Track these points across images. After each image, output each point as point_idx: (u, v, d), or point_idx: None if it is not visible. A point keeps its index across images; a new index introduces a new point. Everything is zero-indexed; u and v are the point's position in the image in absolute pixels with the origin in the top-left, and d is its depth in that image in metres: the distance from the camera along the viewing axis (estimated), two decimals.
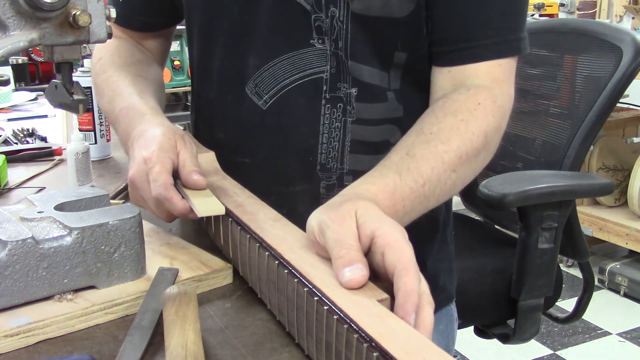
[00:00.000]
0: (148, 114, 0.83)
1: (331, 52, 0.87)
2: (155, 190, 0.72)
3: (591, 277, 1.58)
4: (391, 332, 0.49)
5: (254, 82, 0.89)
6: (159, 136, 0.77)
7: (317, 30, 0.86)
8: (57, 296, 0.66)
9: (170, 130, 0.79)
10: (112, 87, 0.91)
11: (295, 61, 0.88)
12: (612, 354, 2.48)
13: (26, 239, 0.63)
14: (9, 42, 0.57)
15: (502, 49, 0.85)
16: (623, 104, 2.87)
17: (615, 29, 1.49)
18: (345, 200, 0.63)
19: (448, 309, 1.07)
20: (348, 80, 0.88)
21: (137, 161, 0.75)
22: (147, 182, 0.74)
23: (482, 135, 0.79)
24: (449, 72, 0.86)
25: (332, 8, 0.85)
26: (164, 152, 0.75)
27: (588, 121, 1.44)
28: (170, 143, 0.76)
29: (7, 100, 1.92)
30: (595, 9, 3.70)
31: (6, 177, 1.11)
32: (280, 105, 0.89)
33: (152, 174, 0.73)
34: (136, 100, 0.87)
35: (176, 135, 0.78)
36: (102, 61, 0.97)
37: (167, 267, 0.72)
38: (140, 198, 0.76)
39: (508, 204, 1.29)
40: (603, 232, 3.01)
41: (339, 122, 0.89)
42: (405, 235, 0.58)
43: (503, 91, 0.84)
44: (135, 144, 0.78)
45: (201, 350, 0.55)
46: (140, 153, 0.75)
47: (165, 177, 0.73)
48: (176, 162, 0.75)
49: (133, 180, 0.75)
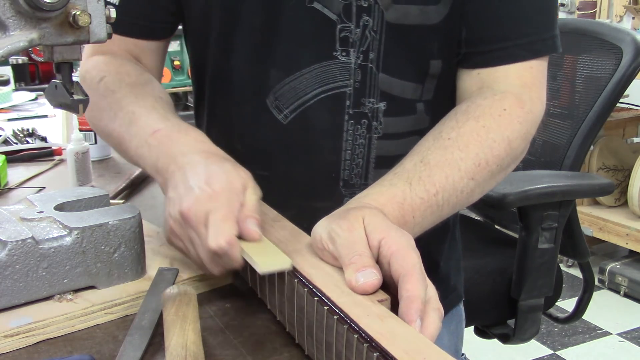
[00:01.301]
0: (204, 140, 0.72)
1: (357, 65, 0.82)
2: (215, 240, 0.60)
3: (591, 277, 1.58)
4: (391, 332, 0.49)
5: (274, 96, 0.84)
6: (229, 171, 0.66)
7: (341, 42, 0.81)
8: (57, 296, 0.65)
9: (240, 167, 0.68)
10: (130, 108, 0.77)
11: (318, 74, 0.83)
12: (612, 354, 2.48)
13: (26, 239, 0.63)
14: (9, 42, 0.57)
15: (539, 48, 0.82)
16: (623, 104, 2.86)
17: (615, 29, 1.50)
18: (351, 209, 0.63)
19: (458, 309, 1.06)
20: (376, 95, 0.84)
21: (197, 194, 0.63)
22: (204, 224, 0.62)
23: (505, 142, 0.76)
24: (477, 74, 0.83)
25: (364, 17, 0.80)
26: (234, 194, 0.63)
27: (588, 121, 1.44)
28: (241, 182, 0.65)
29: (7, 100, 1.92)
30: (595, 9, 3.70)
31: (6, 177, 1.11)
32: (301, 120, 0.84)
33: (216, 220, 0.61)
34: (174, 122, 0.75)
35: (247, 174, 0.67)
36: (106, 81, 0.83)
37: (167, 267, 0.72)
38: (187, 240, 0.65)
39: (508, 204, 1.29)
40: (603, 232, 3.01)
41: (363, 139, 0.85)
42: (411, 242, 0.58)
43: (533, 96, 0.81)
44: (190, 171, 0.65)
45: (201, 350, 0.55)
46: (199, 184, 0.63)
47: (231, 227, 0.61)
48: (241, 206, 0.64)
49: (187, 217, 0.63)
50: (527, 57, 0.82)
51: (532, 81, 0.82)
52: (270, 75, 0.84)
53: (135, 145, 0.75)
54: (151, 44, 0.91)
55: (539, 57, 0.83)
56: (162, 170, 0.70)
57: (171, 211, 0.65)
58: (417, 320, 0.52)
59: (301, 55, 0.83)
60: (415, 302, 0.53)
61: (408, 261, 0.56)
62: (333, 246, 0.59)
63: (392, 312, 0.53)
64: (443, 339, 1.02)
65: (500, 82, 0.82)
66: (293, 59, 0.83)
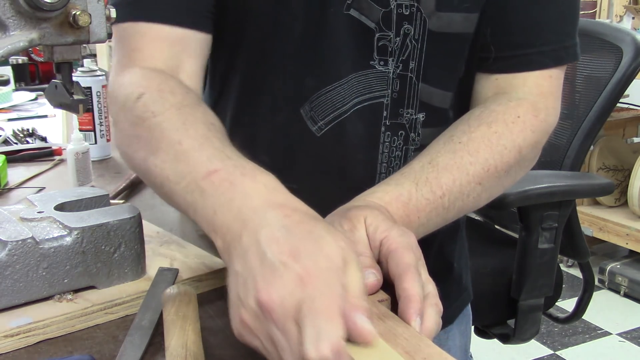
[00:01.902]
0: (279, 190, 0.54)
1: (396, 75, 0.79)
2: (316, 349, 0.42)
3: (591, 277, 1.58)
4: (391, 332, 0.49)
5: (310, 106, 0.80)
6: (324, 239, 0.48)
7: (379, 51, 0.78)
8: (57, 296, 0.65)
9: (336, 231, 0.50)
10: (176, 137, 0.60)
11: (354, 85, 0.79)
12: (612, 354, 2.48)
13: (26, 239, 0.63)
14: (9, 42, 0.57)
15: (562, 55, 0.80)
16: (623, 104, 2.86)
17: (615, 29, 1.50)
18: (354, 207, 0.63)
19: (467, 309, 1.05)
20: (414, 105, 0.81)
21: (283, 276, 0.45)
22: (295, 320, 0.44)
23: (515, 150, 0.75)
24: (495, 79, 0.81)
25: (406, 25, 0.77)
26: (334, 274, 0.46)
27: (588, 121, 1.44)
28: (342, 255, 0.47)
29: (7, 100, 1.92)
30: (595, 9, 3.70)
31: (6, 177, 1.11)
32: (335, 132, 0.80)
33: (317, 318, 0.43)
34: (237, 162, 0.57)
35: (346, 241, 0.49)
36: (145, 100, 0.66)
37: (167, 267, 0.72)
38: (265, 337, 0.47)
39: (508, 204, 1.29)
40: (603, 232, 3.01)
41: (399, 151, 0.82)
42: (411, 241, 0.58)
43: (548, 105, 0.80)
44: (265, 235, 0.48)
45: (201, 350, 0.55)
46: (283, 259, 0.46)
47: (338, 329, 0.43)
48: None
49: (269, 309, 0.45)
50: (549, 65, 0.80)
51: (550, 90, 0.81)
52: (306, 85, 0.80)
53: (184, 190, 0.57)
54: (196, 39, 0.76)
55: (560, 66, 0.82)
56: (221, 229, 0.52)
57: (242, 295, 0.48)
58: (416, 319, 0.52)
59: (338, 64, 0.79)
60: (413, 301, 0.53)
61: (404, 260, 0.56)
62: None
63: (392, 312, 0.53)
64: (455, 340, 1.01)
65: (517, 89, 0.80)
66: (330, 68, 0.79)
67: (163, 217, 0.90)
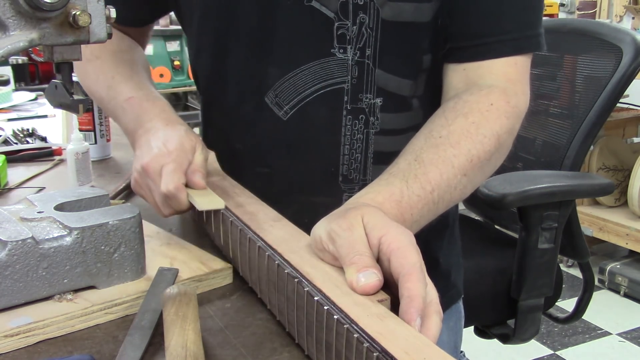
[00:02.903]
0: (167, 109, 0.85)
1: (354, 62, 0.84)
2: (166, 186, 0.74)
3: (591, 277, 1.58)
4: (391, 332, 0.49)
5: (274, 93, 0.87)
6: (181, 135, 0.79)
7: (339, 39, 0.84)
8: (57, 296, 0.65)
9: (191, 132, 0.81)
10: (111, 73, 0.91)
11: (316, 71, 0.85)
12: (612, 354, 2.48)
13: (26, 239, 0.63)
14: (9, 42, 0.57)
15: (521, 45, 0.83)
16: (623, 104, 2.87)
17: (615, 29, 1.49)
18: (350, 208, 0.63)
19: (457, 306, 1.07)
20: (372, 91, 0.86)
21: (154, 152, 0.77)
22: (159, 174, 0.76)
23: (494, 137, 0.77)
24: (463, 69, 0.84)
25: (361, 14, 0.82)
26: (184, 152, 0.77)
27: (588, 121, 1.44)
28: (191, 144, 0.78)
29: (7, 100, 1.92)
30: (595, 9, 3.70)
31: (6, 177, 1.11)
32: (301, 116, 0.87)
33: (167, 170, 0.75)
34: (146, 92, 0.87)
35: (197, 138, 0.80)
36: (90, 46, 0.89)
37: (167, 267, 0.72)
38: (146, 188, 0.78)
39: (508, 204, 1.29)
40: (603, 232, 3.01)
41: (360, 134, 0.87)
42: (411, 240, 0.58)
43: (517, 91, 0.83)
44: (152, 135, 0.79)
45: (201, 350, 0.55)
46: (158, 144, 0.77)
47: (179, 177, 0.75)
48: (190, 163, 0.77)
49: (146, 169, 0.76)
50: (510, 53, 0.83)
51: (517, 77, 0.83)
52: (269, 74, 0.87)
53: (113, 107, 0.89)
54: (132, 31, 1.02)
55: (522, 54, 0.84)
56: (132, 132, 0.84)
57: (136, 165, 0.78)
58: (417, 320, 0.52)
59: (299, 52, 0.85)
60: (416, 301, 0.53)
61: (408, 260, 0.56)
62: (333, 246, 0.59)
63: (392, 312, 0.53)
64: (442, 336, 1.02)
65: (485, 77, 0.83)
66: (292, 56, 0.85)
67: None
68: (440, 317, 0.54)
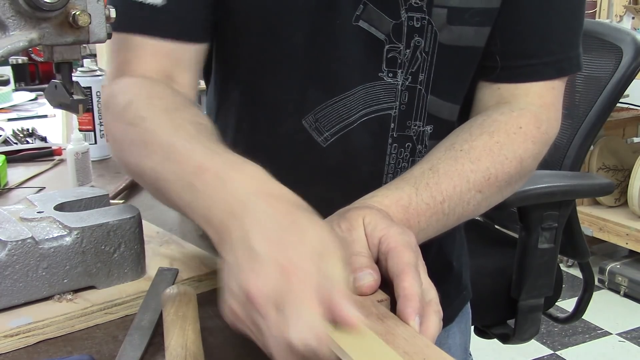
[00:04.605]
0: (266, 180, 0.55)
1: (405, 87, 0.79)
2: (300, 336, 0.44)
3: (591, 277, 1.58)
4: (391, 332, 0.49)
5: (315, 117, 0.79)
6: (304, 228, 0.49)
7: (388, 63, 0.77)
8: (57, 296, 0.66)
9: (317, 219, 0.52)
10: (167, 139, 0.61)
11: (362, 96, 0.78)
12: (612, 354, 2.48)
13: (26, 239, 0.63)
14: (9, 42, 0.57)
15: (565, 67, 0.80)
16: (623, 104, 2.87)
17: (615, 29, 1.50)
18: (353, 209, 0.63)
19: (467, 307, 1.05)
20: (422, 118, 0.81)
21: (265, 266, 0.47)
22: (277, 308, 0.46)
23: (517, 160, 0.75)
24: (498, 89, 0.81)
25: (416, 37, 0.76)
26: (315, 262, 0.47)
27: (588, 121, 1.44)
28: (322, 243, 0.49)
29: (7, 100, 1.92)
30: (595, 9, 3.70)
31: (6, 177, 1.11)
32: (342, 143, 0.80)
33: (297, 306, 0.45)
34: (226, 157, 0.58)
35: (328, 230, 0.51)
36: (134, 106, 0.67)
37: (167, 267, 0.72)
38: (251, 324, 0.48)
39: (508, 204, 1.29)
40: (603, 232, 3.01)
41: (406, 162, 0.82)
42: (410, 240, 0.58)
43: (550, 117, 0.80)
44: (251, 226, 0.50)
45: (201, 350, 0.55)
46: (269, 251, 0.48)
47: (319, 317, 0.45)
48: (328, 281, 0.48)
49: (253, 299, 0.46)
50: (552, 76, 0.80)
51: (552, 101, 0.81)
52: (310, 96, 0.79)
53: (178, 189, 0.58)
54: (189, 50, 0.76)
55: (563, 76, 0.81)
56: (214, 223, 0.53)
57: (230, 284, 0.49)
58: (415, 318, 0.52)
59: (344, 76, 0.78)
60: (412, 300, 0.52)
61: (403, 259, 0.55)
62: None
63: (391, 312, 0.53)
64: (455, 338, 1.01)
65: (520, 99, 0.80)
66: (336, 79, 0.78)
67: (163, 217, 0.90)
68: (440, 317, 0.54)
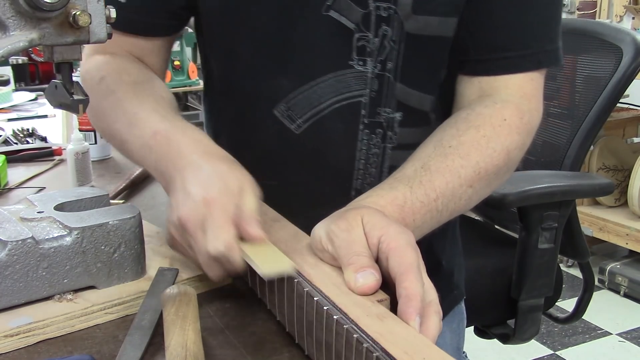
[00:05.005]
0: (202, 140, 0.70)
1: (374, 75, 0.81)
2: (213, 245, 0.59)
3: (591, 277, 1.59)
4: (391, 332, 0.49)
5: (287, 105, 0.83)
6: (224, 173, 0.64)
7: (358, 51, 0.80)
8: (57, 296, 0.65)
9: (236, 167, 0.66)
10: (131, 109, 0.75)
11: (333, 84, 0.81)
12: (612, 354, 2.48)
13: (26, 239, 0.63)
14: (9, 42, 0.57)
15: (541, 60, 0.82)
16: (623, 104, 2.87)
17: (615, 29, 1.50)
18: (351, 209, 0.63)
19: (459, 307, 1.06)
20: (392, 105, 0.83)
21: (193, 200, 0.61)
22: (202, 229, 0.60)
23: (504, 152, 0.76)
24: (478, 82, 0.83)
25: (384, 27, 0.79)
26: (230, 196, 0.62)
27: (588, 121, 1.44)
28: (237, 184, 0.63)
29: (7, 100, 1.92)
30: (595, 9, 3.70)
31: (6, 177, 1.11)
32: (315, 129, 0.83)
33: (212, 224, 0.60)
34: (174, 123, 0.72)
35: (244, 175, 0.65)
36: (106, 81, 0.80)
37: (167, 267, 0.72)
38: (186, 245, 0.64)
39: (508, 204, 1.29)
40: (603, 232, 3.01)
41: (377, 149, 0.84)
42: (410, 239, 0.58)
43: (532, 107, 0.81)
44: (187, 175, 0.64)
45: (201, 350, 0.55)
46: (196, 189, 0.62)
47: (229, 231, 0.60)
48: (239, 209, 0.62)
49: (184, 224, 0.62)
50: (529, 68, 0.81)
51: (532, 92, 0.82)
52: (282, 85, 0.82)
53: (137, 147, 0.73)
54: (153, 42, 0.87)
55: (540, 69, 0.83)
56: (163, 173, 0.69)
57: (172, 217, 0.64)
58: (416, 319, 0.52)
59: (316, 64, 0.81)
60: (414, 300, 0.53)
61: (405, 259, 0.56)
62: (332, 246, 0.59)
63: (391, 312, 0.53)
64: (445, 337, 1.02)
65: (500, 92, 0.81)
66: (307, 68, 0.81)
67: (163, 217, 0.89)
68: (440, 317, 0.54)
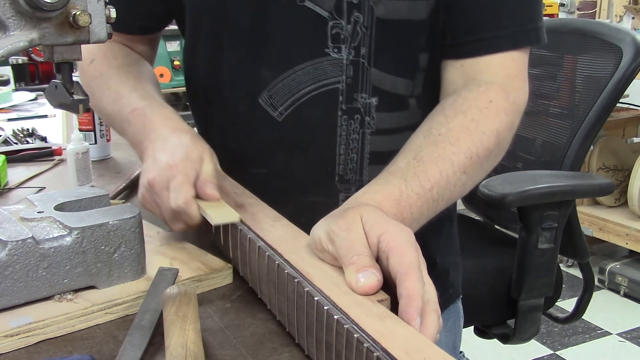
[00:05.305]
0: (172, 117, 0.81)
1: (349, 61, 0.84)
2: (175, 201, 0.71)
3: (591, 277, 1.58)
4: (391, 332, 0.49)
5: (269, 94, 0.87)
6: (187, 144, 0.75)
7: (333, 39, 0.83)
8: (57, 296, 0.65)
9: (198, 140, 0.77)
10: (115, 88, 0.87)
11: (310, 71, 0.85)
12: (612, 354, 2.48)
13: (26, 239, 0.63)
14: (9, 42, 0.57)
15: (520, 39, 0.83)
16: (623, 104, 2.87)
17: (615, 29, 1.49)
18: (349, 208, 0.63)
19: (455, 306, 1.07)
20: (368, 90, 0.85)
21: (160, 166, 0.73)
22: (166, 189, 0.72)
23: (494, 134, 0.77)
24: (461, 65, 0.84)
25: (355, 13, 0.82)
26: (190, 162, 0.73)
27: (588, 121, 1.44)
28: (197, 153, 0.74)
29: (7, 100, 1.92)
30: (595, 9, 3.70)
31: (6, 177, 1.11)
32: (296, 116, 0.87)
33: (174, 184, 0.71)
34: (150, 102, 0.84)
35: (204, 146, 0.76)
36: (95, 63, 0.92)
37: (167, 267, 0.72)
38: (154, 203, 0.75)
39: (508, 204, 1.29)
40: (603, 232, 3.01)
41: (356, 134, 0.87)
42: (410, 238, 0.58)
43: (516, 86, 0.82)
44: (157, 146, 0.76)
45: (201, 350, 0.55)
46: (163, 157, 0.74)
47: (188, 190, 0.71)
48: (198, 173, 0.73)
49: (152, 185, 0.73)
50: (508, 48, 0.82)
51: (515, 72, 0.83)
52: (263, 75, 0.86)
53: (119, 122, 0.86)
54: (139, 37, 0.98)
55: (520, 48, 0.83)
56: (138, 144, 0.81)
57: (142, 180, 0.75)
58: (417, 319, 0.52)
59: (293, 53, 0.85)
60: (415, 300, 0.53)
61: (406, 259, 0.56)
62: (332, 247, 0.59)
63: (392, 312, 0.53)
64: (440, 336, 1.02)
65: (483, 73, 0.82)
66: (285, 57, 0.85)
67: None
68: (438, 315, 0.54)
